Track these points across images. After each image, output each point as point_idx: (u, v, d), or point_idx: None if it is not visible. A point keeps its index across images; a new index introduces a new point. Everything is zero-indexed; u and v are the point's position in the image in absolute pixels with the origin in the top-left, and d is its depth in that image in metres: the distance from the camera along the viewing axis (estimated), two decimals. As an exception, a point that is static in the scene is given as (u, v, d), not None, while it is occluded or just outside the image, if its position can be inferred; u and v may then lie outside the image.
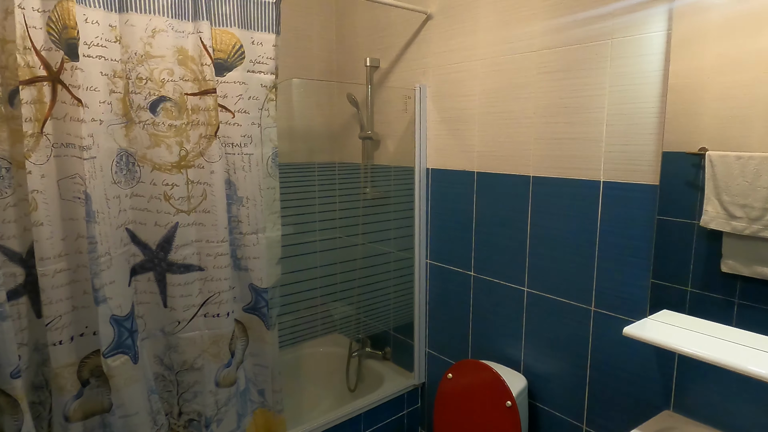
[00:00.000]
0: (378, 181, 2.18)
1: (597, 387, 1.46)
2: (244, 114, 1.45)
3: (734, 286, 1.16)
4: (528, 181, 1.57)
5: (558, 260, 1.51)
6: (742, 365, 1.04)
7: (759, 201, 1.10)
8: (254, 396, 1.63)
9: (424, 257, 1.97)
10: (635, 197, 1.31)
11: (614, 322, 1.39)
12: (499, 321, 1.72)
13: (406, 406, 2.04)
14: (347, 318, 2.38)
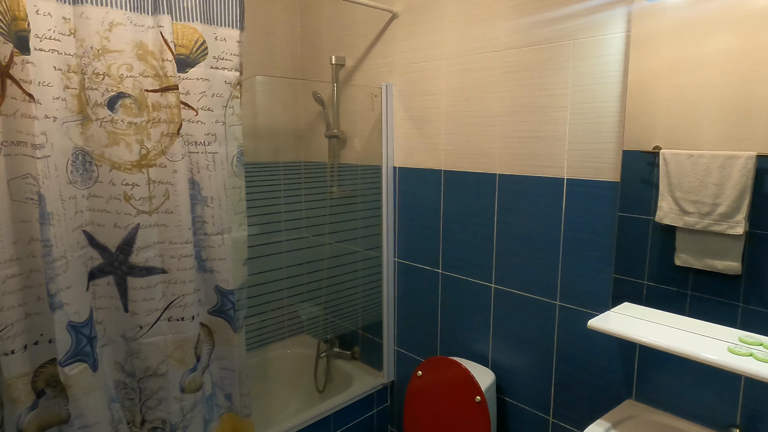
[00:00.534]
0: (345, 180, 2.17)
1: (563, 379, 1.50)
2: (207, 111, 1.41)
3: (687, 278, 1.22)
4: (494, 179, 1.59)
5: (524, 256, 1.54)
6: (696, 353, 1.09)
7: (709, 197, 1.15)
8: (221, 401, 1.60)
9: (392, 256, 1.98)
10: (597, 194, 1.35)
11: (579, 315, 1.43)
12: (467, 317, 1.74)
13: (375, 405, 2.04)
14: (315, 318, 2.36)
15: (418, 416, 1.73)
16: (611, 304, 1.34)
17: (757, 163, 1.08)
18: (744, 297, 1.13)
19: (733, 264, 1.14)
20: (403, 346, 2.00)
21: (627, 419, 1.26)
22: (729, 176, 1.12)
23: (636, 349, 1.32)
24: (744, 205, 1.11)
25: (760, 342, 1.09)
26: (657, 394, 1.30)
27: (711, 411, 1.20)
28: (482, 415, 1.54)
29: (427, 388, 1.70)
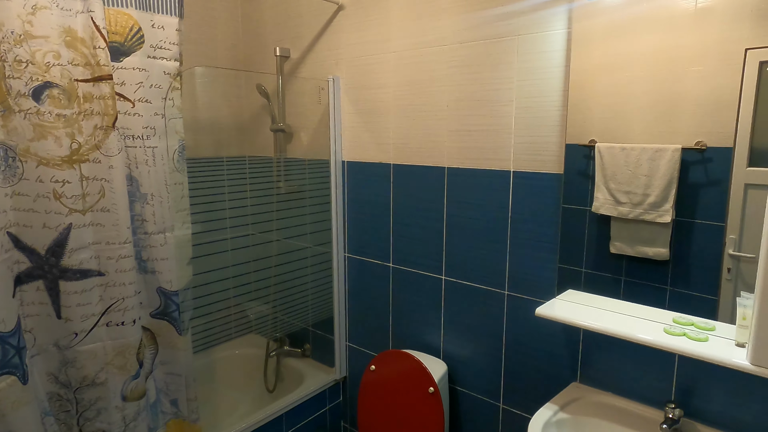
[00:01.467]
0: (292, 175, 2.12)
1: (512, 366, 1.54)
2: (145, 103, 1.33)
3: (621, 265, 1.28)
4: (443, 172, 1.61)
5: (473, 248, 1.57)
6: (635, 334, 1.15)
7: (640, 188, 1.22)
8: (166, 407, 1.52)
9: (342, 251, 1.96)
10: (542, 186, 1.39)
11: (526, 303, 1.48)
12: (418, 310, 1.76)
13: (328, 402, 2.02)
14: (263, 317, 2.30)
15: (372, 410, 1.73)
16: (557, 291, 1.39)
17: (682, 155, 1.15)
18: (672, 280, 1.21)
19: (662, 250, 1.21)
20: (355, 341, 2.00)
21: (573, 401, 1.32)
22: (658, 168, 1.19)
23: (580, 334, 1.38)
24: (671, 195, 1.18)
25: (691, 322, 1.17)
26: (600, 375, 1.36)
27: (649, 389, 1.28)
28: (436, 405, 1.56)
29: (380, 382, 1.70)
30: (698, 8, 1.11)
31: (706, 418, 1.20)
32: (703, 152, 1.13)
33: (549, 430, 1.21)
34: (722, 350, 1.05)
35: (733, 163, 1.10)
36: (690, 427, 1.20)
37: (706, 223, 1.14)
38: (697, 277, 1.17)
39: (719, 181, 1.12)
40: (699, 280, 1.17)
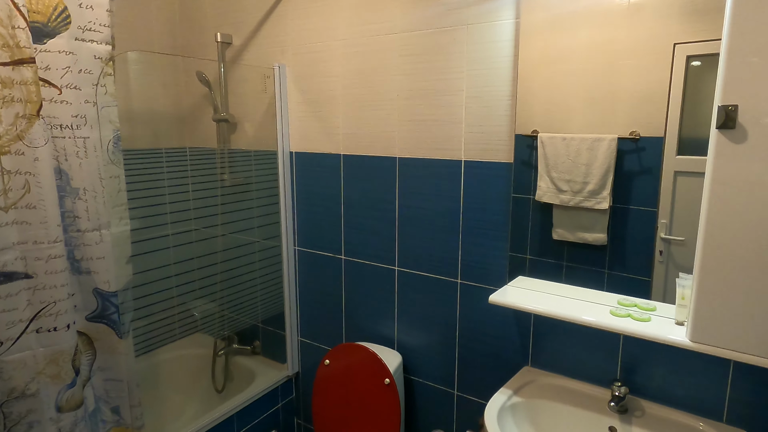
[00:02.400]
0: (237, 167, 2.04)
1: (466, 354, 1.56)
2: (74, 90, 1.23)
3: (563, 251, 1.33)
4: (394, 162, 1.60)
5: (426, 238, 1.57)
6: (584, 317, 1.19)
7: (579, 176, 1.26)
8: (107, 415, 1.43)
9: (292, 244, 1.91)
10: (494, 175, 1.41)
11: (479, 291, 1.49)
12: (372, 302, 1.74)
13: (280, 399, 1.98)
14: (210, 316, 2.21)
15: (327, 405, 1.70)
16: (508, 278, 1.42)
17: (618, 145, 1.20)
18: (609, 264, 1.26)
19: (600, 236, 1.26)
20: (308, 336, 1.96)
21: (526, 385, 1.35)
22: (596, 157, 1.23)
23: (531, 319, 1.42)
24: (608, 183, 1.22)
25: (634, 303, 1.23)
26: (550, 359, 1.40)
27: (596, 369, 1.33)
28: (392, 396, 1.56)
29: (335, 376, 1.68)
30: (631, 4, 1.15)
31: (650, 394, 1.26)
32: (636, 142, 1.18)
33: (504, 414, 1.24)
34: (664, 329, 1.11)
35: (663, 151, 1.15)
36: (635, 404, 1.26)
37: (639, 209, 1.20)
38: (632, 260, 1.23)
39: (651, 169, 1.17)
40: (634, 263, 1.23)
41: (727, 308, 1.00)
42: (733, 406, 1.16)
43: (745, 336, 0.99)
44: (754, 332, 0.98)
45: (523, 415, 1.27)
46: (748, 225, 0.95)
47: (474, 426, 1.58)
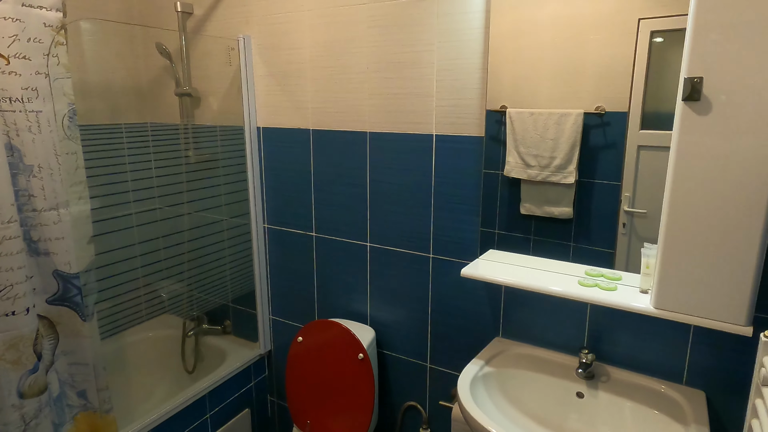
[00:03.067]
0: (202, 143, 1.98)
1: (438, 327, 1.58)
2: (23, 60, 1.15)
3: (530, 225, 1.35)
4: (365, 137, 1.58)
5: (397, 213, 1.57)
6: (553, 288, 1.22)
7: (547, 151, 1.28)
8: (73, 400, 1.39)
9: (261, 222, 1.87)
10: (464, 149, 1.41)
11: (451, 266, 1.51)
12: (344, 278, 1.74)
13: (253, 377, 1.97)
14: (178, 296, 2.17)
15: (301, 381, 1.70)
16: (479, 252, 1.43)
17: (584, 120, 1.21)
18: (575, 237, 1.29)
19: (567, 209, 1.29)
20: (279, 314, 1.94)
21: (497, 355, 1.38)
22: (563, 132, 1.24)
23: (502, 291, 1.44)
24: (575, 157, 1.24)
25: (601, 274, 1.26)
26: (521, 329, 1.44)
27: (565, 338, 1.37)
28: (365, 371, 1.57)
29: (308, 353, 1.68)
30: (597, -22, 1.15)
31: (615, 359, 1.31)
32: (602, 116, 1.19)
33: (476, 384, 1.26)
34: (629, 297, 1.14)
35: (627, 126, 1.17)
36: (601, 370, 1.30)
37: (604, 183, 1.22)
38: (597, 233, 1.26)
39: (616, 144, 1.19)
40: (598, 236, 1.26)
41: (689, 276, 1.03)
42: (692, 369, 1.22)
43: (705, 302, 1.03)
44: (713, 298, 1.02)
45: (495, 385, 1.30)
46: (710, 196, 0.98)
47: (447, 397, 1.62)
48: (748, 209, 0.96)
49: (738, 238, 0.97)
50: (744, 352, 1.15)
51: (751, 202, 0.95)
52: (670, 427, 1.13)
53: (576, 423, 1.24)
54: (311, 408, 1.69)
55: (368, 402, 1.58)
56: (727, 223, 0.98)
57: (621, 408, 1.22)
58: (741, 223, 0.97)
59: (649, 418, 1.18)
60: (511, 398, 1.29)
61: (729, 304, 1.01)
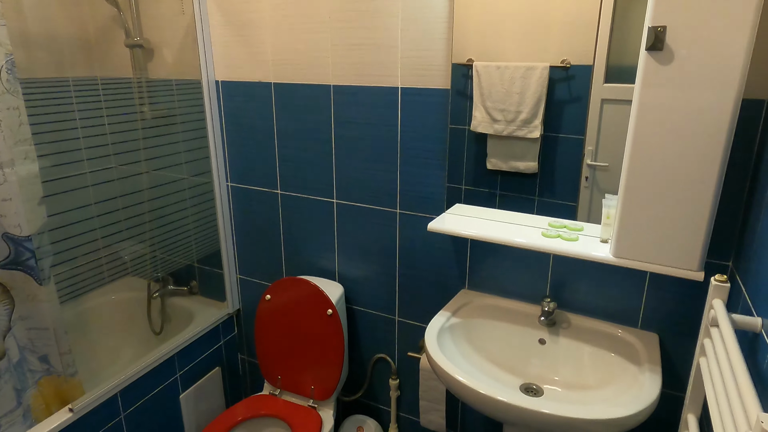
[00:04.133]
0: (158, 98, 1.88)
1: (406, 281, 1.60)
2: (-51, 4, 1.05)
3: (496, 180, 1.36)
4: (329, 90, 1.53)
5: (364, 169, 1.55)
6: (517, 240, 1.24)
7: (513, 105, 1.27)
8: (35, 365, 1.36)
9: (224, 180, 1.82)
10: (431, 102, 1.39)
11: (418, 220, 1.51)
12: (311, 236, 1.72)
13: (222, 337, 1.96)
14: (140, 257, 2.11)
15: (270, 338, 1.71)
16: (446, 207, 1.44)
17: (550, 73, 1.20)
18: (539, 191, 1.31)
19: (532, 164, 1.30)
20: (247, 272, 1.93)
21: (463, 306, 1.41)
22: (529, 86, 1.24)
23: (468, 244, 1.46)
24: (540, 111, 1.24)
25: (564, 225, 1.29)
26: (486, 281, 1.47)
27: (528, 288, 1.41)
28: (335, 326, 1.59)
29: (277, 310, 1.68)
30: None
31: (575, 307, 1.36)
32: (567, 70, 1.19)
33: (443, 334, 1.29)
34: (590, 247, 1.18)
35: (592, 80, 1.17)
36: (562, 317, 1.35)
37: (568, 137, 1.23)
38: (561, 187, 1.28)
39: (580, 98, 1.19)
40: (562, 189, 1.28)
41: (647, 225, 1.07)
42: (646, 314, 1.28)
43: (661, 250, 1.07)
44: (668, 246, 1.06)
45: (461, 334, 1.33)
46: (668, 147, 1.00)
47: (415, 348, 1.66)
48: (703, 161, 0.98)
49: (693, 188, 1.00)
50: (695, 296, 1.21)
51: (706, 154, 0.97)
52: (625, 368, 1.19)
53: (538, 368, 1.30)
54: (282, 364, 1.71)
55: (338, 356, 1.61)
56: (683, 175, 1.01)
57: (580, 352, 1.27)
58: (696, 175, 0.99)
59: (606, 360, 1.24)
60: (477, 347, 1.33)
61: (683, 251, 1.05)
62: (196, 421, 1.88)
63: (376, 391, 1.80)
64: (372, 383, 1.79)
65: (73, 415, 1.38)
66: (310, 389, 1.67)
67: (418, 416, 1.74)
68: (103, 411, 1.50)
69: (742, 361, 0.71)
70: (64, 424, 1.36)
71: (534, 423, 1.02)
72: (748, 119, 1.05)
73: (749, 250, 1.02)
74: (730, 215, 1.13)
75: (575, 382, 1.25)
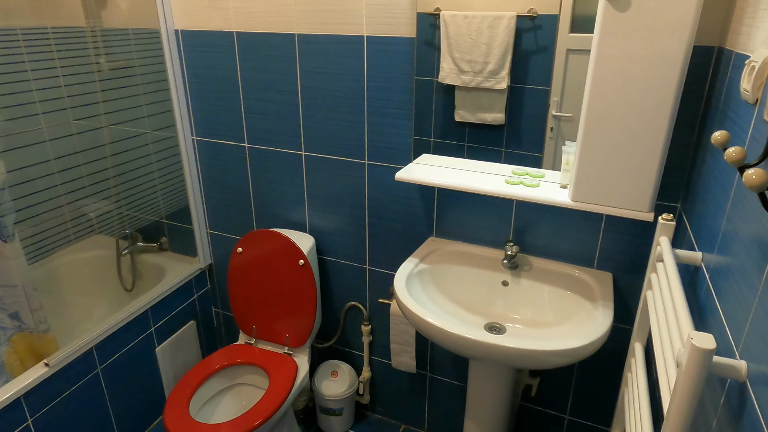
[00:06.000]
0: (114, 49, 1.81)
1: (375, 231, 1.64)
2: None
3: (464, 132, 1.38)
4: (293, 39, 1.50)
5: (331, 120, 1.55)
6: (482, 187, 1.28)
7: (480, 56, 1.28)
8: (6, 322, 1.36)
9: (189, 134, 1.79)
10: (397, 51, 1.38)
11: (386, 171, 1.53)
12: (280, 188, 1.73)
13: (195, 291, 1.98)
14: (106, 215, 2.08)
15: (243, 291, 1.74)
16: (413, 157, 1.46)
17: (517, 23, 1.21)
18: (506, 142, 1.34)
19: (499, 115, 1.32)
20: (217, 227, 1.93)
21: (430, 253, 1.47)
22: (496, 36, 1.24)
23: (435, 193, 1.50)
24: (507, 62, 1.26)
25: (526, 172, 1.33)
26: (452, 228, 1.52)
27: (492, 233, 1.47)
28: (307, 276, 1.63)
29: (249, 263, 1.70)
30: None
31: (536, 250, 1.43)
32: (534, 19, 1.20)
33: (412, 280, 1.35)
34: (551, 192, 1.23)
35: (558, 30, 1.19)
36: (524, 260, 1.42)
37: (534, 88, 1.25)
38: (527, 137, 1.31)
39: (546, 48, 1.21)
40: (528, 140, 1.31)
41: (603, 170, 1.12)
42: (602, 254, 1.36)
43: (615, 193, 1.13)
44: (622, 190, 1.12)
45: (429, 279, 1.39)
46: (623, 94, 1.04)
47: (385, 295, 1.72)
48: (655, 107, 1.03)
49: (646, 134, 1.05)
50: (645, 236, 1.29)
51: (658, 100, 1.02)
52: (581, 305, 1.28)
53: (501, 308, 1.37)
54: (256, 314, 1.75)
55: (311, 305, 1.65)
56: (637, 121, 1.05)
57: (540, 292, 1.35)
58: (649, 121, 1.04)
59: (564, 298, 1.32)
60: (444, 290, 1.39)
61: (636, 194, 1.11)
62: (174, 372, 1.92)
63: (349, 337, 1.87)
64: (345, 330, 1.86)
65: (49, 369, 1.40)
66: (284, 337, 1.73)
67: (389, 359, 1.82)
68: (79, 365, 1.52)
69: (680, 288, 0.78)
70: (40, 378, 1.38)
71: (498, 357, 1.10)
72: (699, 66, 1.10)
73: (694, 192, 1.09)
74: (679, 159, 1.19)
75: (535, 319, 1.33)
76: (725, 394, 0.70)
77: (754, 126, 0.75)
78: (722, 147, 0.67)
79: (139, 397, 1.79)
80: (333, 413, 1.83)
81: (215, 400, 1.64)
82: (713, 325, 0.80)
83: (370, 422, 1.93)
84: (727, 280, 0.77)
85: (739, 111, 0.84)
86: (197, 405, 1.56)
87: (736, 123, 0.85)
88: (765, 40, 0.76)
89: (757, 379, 0.59)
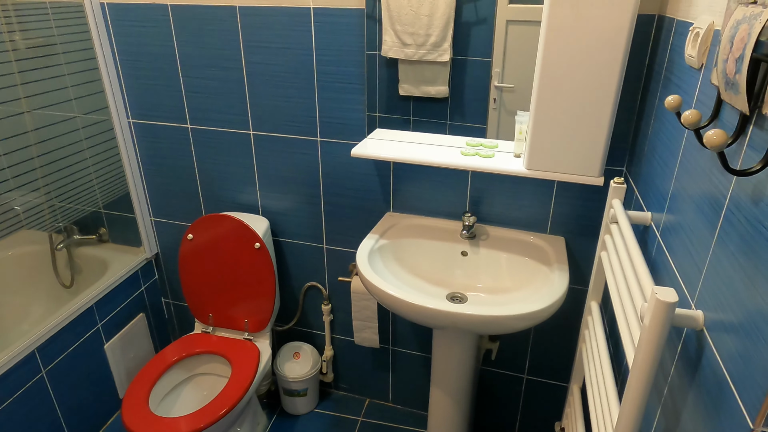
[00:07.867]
0: (31, 24, 1.64)
1: (331, 209, 1.61)
2: None
3: (409, 106, 1.38)
4: (235, 11, 1.42)
5: (280, 97, 1.49)
6: (438, 160, 1.29)
7: (422, 28, 1.27)
8: (-68, 331, 1.24)
9: (124, 116, 1.67)
10: (346, 23, 1.34)
11: (340, 147, 1.51)
12: (228, 170, 1.66)
13: (142, 283, 1.89)
14: (35, 208, 1.93)
15: (197, 278, 1.67)
16: (367, 132, 1.44)
17: (458, -5, 1.21)
18: (450, 115, 1.35)
19: (443, 88, 1.33)
20: (162, 215, 1.83)
21: (389, 228, 1.47)
22: (437, 7, 1.24)
23: (390, 168, 1.49)
24: (449, 34, 1.26)
25: (480, 143, 1.35)
26: (410, 202, 1.52)
27: (450, 205, 1.49)
28: (263, 259, 1.59)
29: (201, 249, 1.63)
30: None
31: (493, 219, 1.46)
32: (474, -10, 1.20)
33: (373, 256, 1.34)
34: (505, 162, 1.26)
35: (497, 0, 1.19)
36: (482, 230, 1.45)
37: (476, 60, 1.27)
38: (471, 109, 1.33)
39: (486, 19, 1.22)
40: (472, 112, 1.33)
41: (555, 138, 1.15)
42: (554, 219, 1.41)
43: (567, 160, 1.17)
44: (573, 156, 1.16)
45: (390, 254, 1.40)
46: (574, 64, 1.07)
47: (345, 273, 1.71)
48: (603, 75, 1.06)
49: (594, 101, 1.09)
50: (596, 200, 1.35)
51: (606, 68, 1.05)
52: (537, 269, 1.33)
53: (461, 278, 1.40)
54: (212, 301, 1.69)
55: (270, 288, 1.62)
56: (586, 89, 1.09)
57: (498, 260, 1.39)
58: (597, 89, 1.08)
59: (521, 264, 1.37)
60: (405, 264, 1.40)
61: (586, 159, 1.16)
62: (126, 369, 1.84)
63: (310, 318, 1.85)
64: (305, 310, 1.84)
65: (-13, 377, 1.29)
66: (243, 323, 1.69)
67: (351, 336, 1.82)
68: (21, 370, 1.42)
69: (637, 247, 0.82)
70: (-22, 388, 1.27)
71: (462, 324, 1.12)
72: (640, 34, 1.14)
73: (640, 155, 1.14)
74: (624, 125, 1.24)
75: (495, 286, 1.37)
76: (682, 343, 0.75)
77: (700, 89, 0.79)
78: (675, 110, 0.70)
79: (90, 398, 1.70)
80: (297, 394, 1.82)
81: (175, 392, 1.59)
82: (666, 279, 0.86)
83: (335, 399, 1.94)
84: (678, 237, 0.81)
85: (684, 76, 0.88)
86: (157, 399, 1.50)
87: (681, 87, 0.89)
88: (708, 6, 0.79)
89: (714, 326, 0.64)
